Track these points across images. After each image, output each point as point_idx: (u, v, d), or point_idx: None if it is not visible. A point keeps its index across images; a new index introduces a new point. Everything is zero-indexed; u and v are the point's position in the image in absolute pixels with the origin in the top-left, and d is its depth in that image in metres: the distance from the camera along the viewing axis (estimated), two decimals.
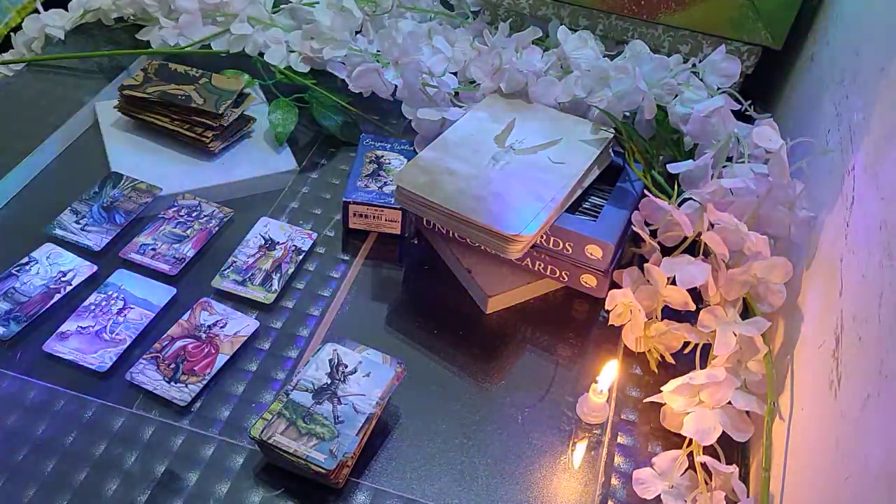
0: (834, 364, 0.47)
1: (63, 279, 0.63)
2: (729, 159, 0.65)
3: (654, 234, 0.63)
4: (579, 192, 0.66)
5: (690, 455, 0.54)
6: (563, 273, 0.65)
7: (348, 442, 0.51)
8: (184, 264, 0.66)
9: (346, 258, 0.69)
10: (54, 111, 0.82)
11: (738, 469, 0.52)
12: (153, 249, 0.67)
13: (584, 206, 0.67)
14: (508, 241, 0.59)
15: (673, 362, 0.61)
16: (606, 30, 0.86)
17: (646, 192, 0.64)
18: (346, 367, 0.55)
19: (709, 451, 0.53)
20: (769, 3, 0.78)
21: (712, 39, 0.82)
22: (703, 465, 0.52)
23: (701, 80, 0.72)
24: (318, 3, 0.84)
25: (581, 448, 0.57)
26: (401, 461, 0.55)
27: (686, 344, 0.59)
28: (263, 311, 0.64)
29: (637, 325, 0.59)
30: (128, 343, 0.59)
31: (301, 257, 0.68)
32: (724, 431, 0.53)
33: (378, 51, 0.80)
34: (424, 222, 0.67)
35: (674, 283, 0.57)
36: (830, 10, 0.75)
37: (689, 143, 0.70)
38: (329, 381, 0.54)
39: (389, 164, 0.74)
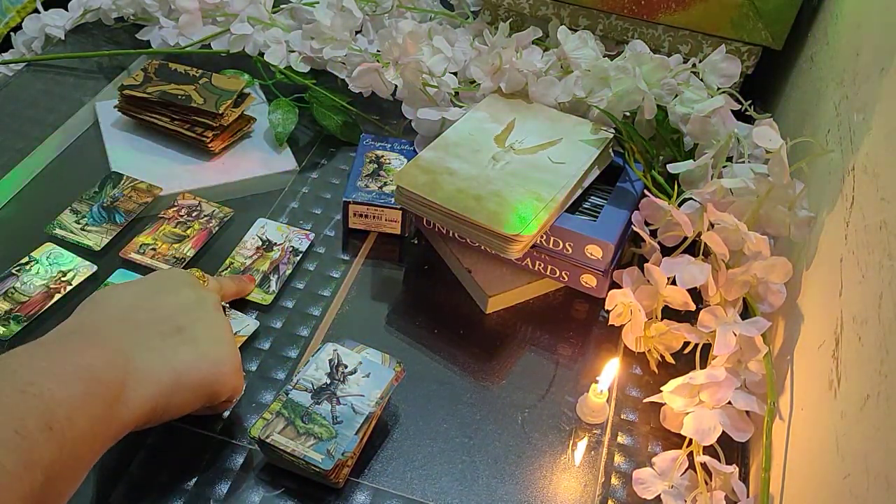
0: (834, 364, 0.47)
1: (63, 279, 0.63)
2: (729, 159, 0.65)
3: (654, 234, 0.63)
4: (579, 192, 0.66)
5: (690, 455, 0.54)
6: (563, 273, 0.65)
7: (346, 442, 0.51)
8: (184, 264, 0.66)
9: (346, 258, 0.69)
10: (54, 111, 0.82)
11: (738, 469, 0.52)
12: (153, 249, 0.67)
13: (584, 206, 0.67)
14: (508, 241, 0.59)
15: (673, 362, 0.61)
16: (606, 30, 0.86)
17: (646, 192, 0.64)
18: (346, 367, 0.55)
19: (709, 451, 0.53)
20: (769, 3, 0.78)
21: (712, 39, 0.82)
22: (703, 465, 0.52)
23: (701, 80, 0.71)
24: (318, 3, 0.84)
25: (581, 448, 0.57)
26: (401, 461, 0.55)
27: (686, 344, 0.59)
28: (263, 310, 0.64)
29: (637, 325, 0.59)
30: None
31: (298, 258, 0.68)
32: (724, 431, 0.53)
33: (378, 51, 0.80)
34: (424, 222, 0.67)
35: (674, 283, 0.57)
36: (830, 10, 0.75)
37: (689, 143, 0.70)
38: (328, 382, 0.54)
39: (389, 164, 0.74)
